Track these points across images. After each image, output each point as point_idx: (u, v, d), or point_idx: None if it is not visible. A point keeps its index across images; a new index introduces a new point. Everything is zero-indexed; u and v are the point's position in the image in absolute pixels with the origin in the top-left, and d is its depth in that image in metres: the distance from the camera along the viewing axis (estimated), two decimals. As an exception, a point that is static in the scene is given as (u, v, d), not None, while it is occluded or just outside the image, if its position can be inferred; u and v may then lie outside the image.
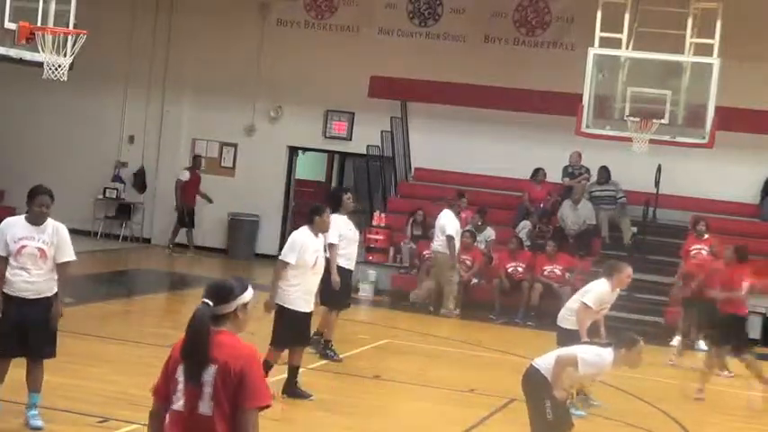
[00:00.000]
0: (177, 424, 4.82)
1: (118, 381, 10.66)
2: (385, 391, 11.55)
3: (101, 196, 23.13)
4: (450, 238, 17.06)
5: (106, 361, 11.52)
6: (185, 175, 22.13)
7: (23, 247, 8.51)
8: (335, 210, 12.11)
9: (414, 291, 17.98)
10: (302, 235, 10.39)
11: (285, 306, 10.21)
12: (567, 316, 10.85)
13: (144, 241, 23.36)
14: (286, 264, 10.25)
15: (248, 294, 4.95)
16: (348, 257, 12.71)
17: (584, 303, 10.52)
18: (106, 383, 10.37)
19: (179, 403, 4.82)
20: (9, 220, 8.82)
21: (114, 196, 23.17)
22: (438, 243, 17.31)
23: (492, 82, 20.94)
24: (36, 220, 8.66)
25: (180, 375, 4.84)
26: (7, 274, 8.48)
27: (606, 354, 8.04)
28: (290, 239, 10.48)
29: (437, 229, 17.34)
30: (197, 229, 22.67)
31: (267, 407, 4.83)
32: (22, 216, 8.76)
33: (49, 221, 8.72)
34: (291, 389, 10.53)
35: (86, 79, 19.72)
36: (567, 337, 10.15)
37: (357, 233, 13.16)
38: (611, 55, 16.23)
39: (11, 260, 8.49)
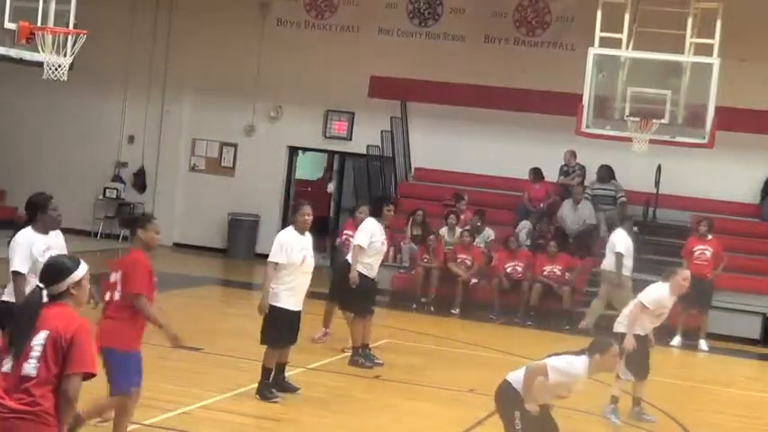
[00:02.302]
0: (1, 384, 5.30)
1: (118, 381, 10.64)
2: (385, 391, 11.55)
3: (101, 196, 23.13)
4: (618, 255, 16.52)
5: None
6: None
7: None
8: (376, 216, 12.58)
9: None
10: (287, 234, 10.48)
11: (274, 304, 10.26)
12: (621, 321, 11.01)
13: (144, 241, 23.32)
14: (276, 264, 10.31)
15: (80, 272, 5.47)
16: (370, 267, 12.64)
17: (641, 302, 10.68)
18: (106, 383, 10.35)
19: (7, 366, 5.30)
20: (26, 235, 8.47)
21: (114, 196, 23.17)
22: (608, 262, 16.70)
23: (492, 82, 20.94)
24: (54, 225, 8.49)
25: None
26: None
27: (578, 361, 7.80)
28: (275, 240, 10.54)
29: (607, 249, 16.81)
30: (197, 228, 22.68)
31: (92, 375, 5.35)
32: (30, 228, 8.48)
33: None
34: (280, 384, 10.58)
35: (86, 79, 19.74)
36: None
37: (385, 246, 13.00)
38: (611, 55, 16.22)
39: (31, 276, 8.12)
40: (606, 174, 19.68)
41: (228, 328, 14.35)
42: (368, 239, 12.43)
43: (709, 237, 16.74)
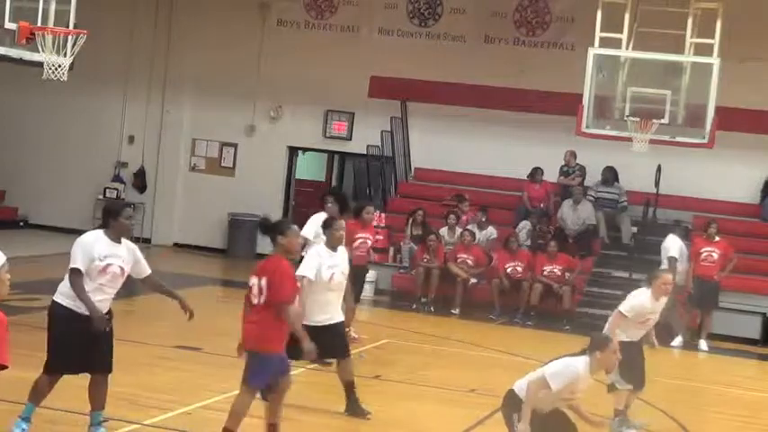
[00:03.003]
0: None
1: (118, 381, 10.62)
2: (385, 391, 11.54)
3: (101, 196, 23.12)
4: (672, 260, 16.44)
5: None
6: None
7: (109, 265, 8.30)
8: (342, 212, 12.63)
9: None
10: (316, 250, 10.11)
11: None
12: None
13: (144, 241, 23.34)
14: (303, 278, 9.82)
15: None
16: None
17: (619, 311, 10.33)
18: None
19: None
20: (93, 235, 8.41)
21: (114, 196, 23.16)
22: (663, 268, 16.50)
23: (492, 82, 20.94)
24: (125, 233, 8.46)
25: None
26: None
27: (577, 361, 7.71)
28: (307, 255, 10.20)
29: (662, 255, 16.72)
30: (197, 228, 22.70)
31: (3, 367, 5.28)
32: (100, 231, 8.39)
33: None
34: (351, 406, 10.18)
35: (86, 79, 19.73)
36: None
37: None
38: (611, 55, 16.23)
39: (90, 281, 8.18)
40: (610, 176, 19.68)
41: (228, 328, 14.28)
42: (314, 232, 12.25)
43: (717, 239, 16.75)
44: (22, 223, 23.35)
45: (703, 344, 16.58)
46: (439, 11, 21.78)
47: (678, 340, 16.56)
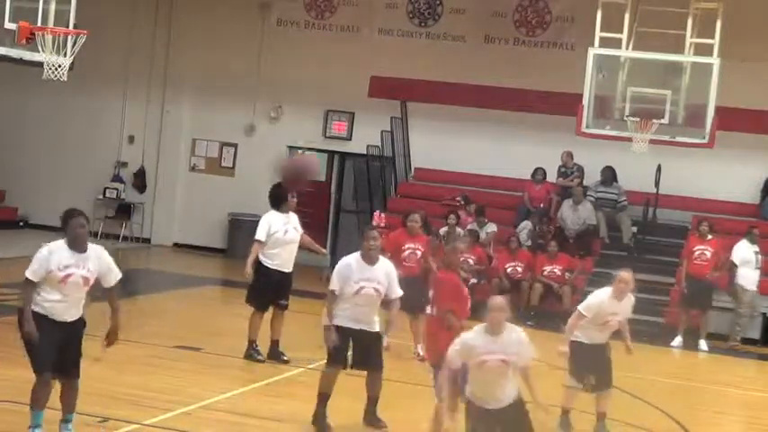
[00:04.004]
0: None
1: (118, 381, 10.66)
2: (385, 391, 11.52)
3: (101, 196, 23.13)
4: (733, 265, 16.52)
5: (106, 361, 11.49)
6: None
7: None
8: (277, 206, 12.32)
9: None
10: (348, 260, 9.78)
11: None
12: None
13: (144, 241, 23.36)
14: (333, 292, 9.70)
15: None
16: (275, 257, 12.28)
17: (578, 310, 10.12)
18: (106, 383, 10.37)
19: None
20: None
21: (114, 196, 23.18)
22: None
23: (492, 82, 20.94)
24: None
25: None
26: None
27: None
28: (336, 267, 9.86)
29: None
30: (197, 228, 22.69)
31: None
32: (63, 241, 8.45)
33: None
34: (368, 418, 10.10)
35: (86, 79, 19.74)
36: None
37: (290, 234, 12.38)
38: (611, 55, 16.23)
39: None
40: (609, 176, 19.68)
41: (228, 328, 14.34)
42: (265, 233, 12.17)
43: (710, 237, 16.71)
44: (21, 223, 23.35)
45: (703, 344, 16.57)
46: (439, 11, 21.78)
47: (677, 340, 16.56)
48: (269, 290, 12.36)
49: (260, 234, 12.28)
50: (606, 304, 10.04)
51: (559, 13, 21.02)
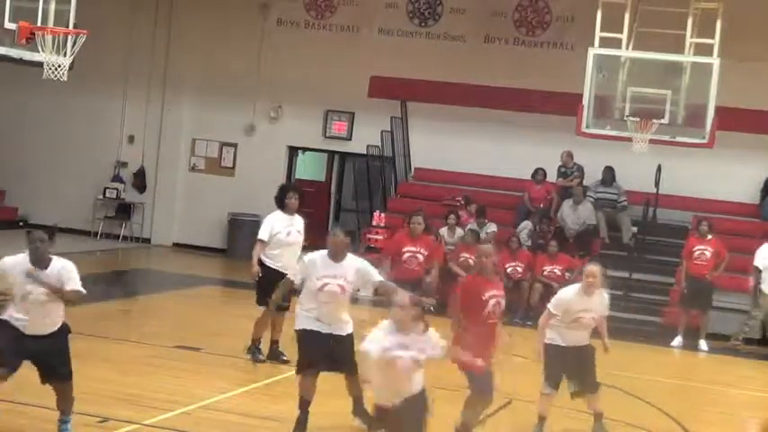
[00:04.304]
0: None
1: (118, 381, 10.66)
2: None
3: (101, 196, 23.13)
4: (755, 269, 16.31)
5: (106, 361, 11.51)
6: None
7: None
8: (280, 207, 12.37)
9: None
10: (313, 256, 9.75)
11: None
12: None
13: (144, 241, 23.36)
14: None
15: None
16: (276, 258, 12.25)
17: (548, 308, 9.90)
18: (106, 383, 10.37)
19: None
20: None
21: (114, 196, 23.18)
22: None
23: (492, 82, 20.94)
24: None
25: None
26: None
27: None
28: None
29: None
30: (197, 228, 22.69)
31: None
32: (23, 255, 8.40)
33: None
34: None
35: (86, 79, 19.73)
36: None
37: (293, 237, 12.37)
38: (611, 55, 16.21)
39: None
40: (609, 176, 19.68)
41: (228, 328, 14.34)
42: (268, 233, 12.21)
43: (709, 237, 16.70)
44: (21, 223, 23.33)
45: (703, 344, 16.56)
46: (439, 11, 21.78)
47: (678, 340, 16.55)
48: (271, 290, 12.35)
49: (262, 233, 12.31)
50: (575, 300, 9.77)
51: (559, 13, 21.02)
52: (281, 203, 12.47)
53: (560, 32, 20.93)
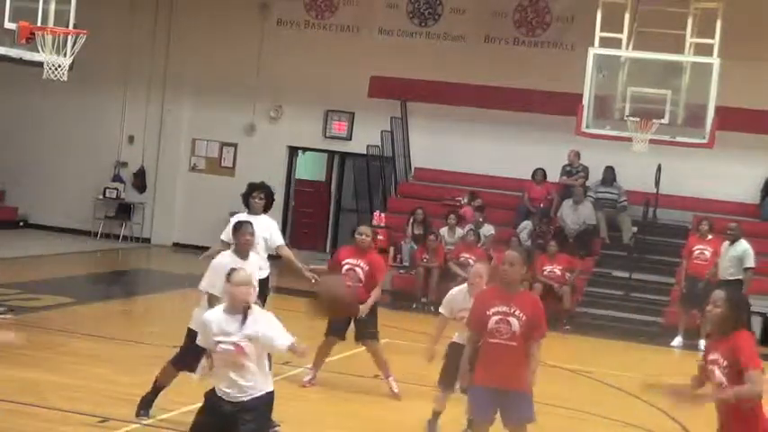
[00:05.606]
0: None
1: (118, 381, 10.66)
2: (385, 392, 11.53)
3: (101, 196, 23.14)
4: (746, 271, 16.10)
5: (106, 361, 11.51)
6: None
7: None
8: (246, 207, 11.83)
9: None
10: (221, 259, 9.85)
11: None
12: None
13: (144, 241, 23.37)
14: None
15: None
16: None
17: (439, 310, 9.76)
18: (106, 383, 10.37)
19: None
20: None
21: (114, 196, 23.19)
22: None
23: (492, 82, 20.95)
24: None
25: None
26: None
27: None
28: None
29: None
30: (197, 228, 22.69)
31: None
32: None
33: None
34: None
35: (86, 79, 19.75)
36: None
37: (259, 240, 11.19)
38: (611, 55, 16.23)
39: None
40: (609, 176, 19.70)
41: (228, 328, 14.31)
42: (228, 233, 11.28)
43: (710, 236, 16.70)
44: (21, 223, 23.35)
45: (703, 344, 16.54)
46: (439, 11, 21.79)
47: (678, 340, 16.55)
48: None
49: (223, 234, 11.54)
50: (458, 299, 9.57)
51: (559, 13, 21.03)
52: (246, 203, 11.82)
53: (560, 32, 20.94)
